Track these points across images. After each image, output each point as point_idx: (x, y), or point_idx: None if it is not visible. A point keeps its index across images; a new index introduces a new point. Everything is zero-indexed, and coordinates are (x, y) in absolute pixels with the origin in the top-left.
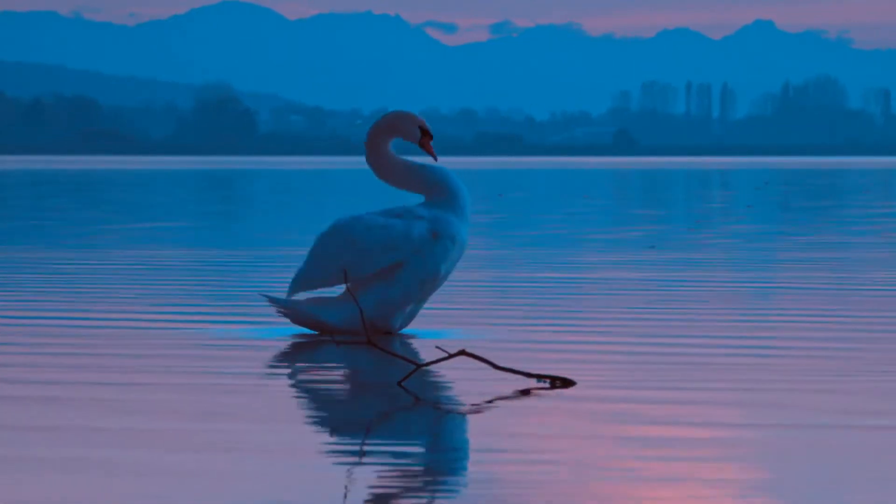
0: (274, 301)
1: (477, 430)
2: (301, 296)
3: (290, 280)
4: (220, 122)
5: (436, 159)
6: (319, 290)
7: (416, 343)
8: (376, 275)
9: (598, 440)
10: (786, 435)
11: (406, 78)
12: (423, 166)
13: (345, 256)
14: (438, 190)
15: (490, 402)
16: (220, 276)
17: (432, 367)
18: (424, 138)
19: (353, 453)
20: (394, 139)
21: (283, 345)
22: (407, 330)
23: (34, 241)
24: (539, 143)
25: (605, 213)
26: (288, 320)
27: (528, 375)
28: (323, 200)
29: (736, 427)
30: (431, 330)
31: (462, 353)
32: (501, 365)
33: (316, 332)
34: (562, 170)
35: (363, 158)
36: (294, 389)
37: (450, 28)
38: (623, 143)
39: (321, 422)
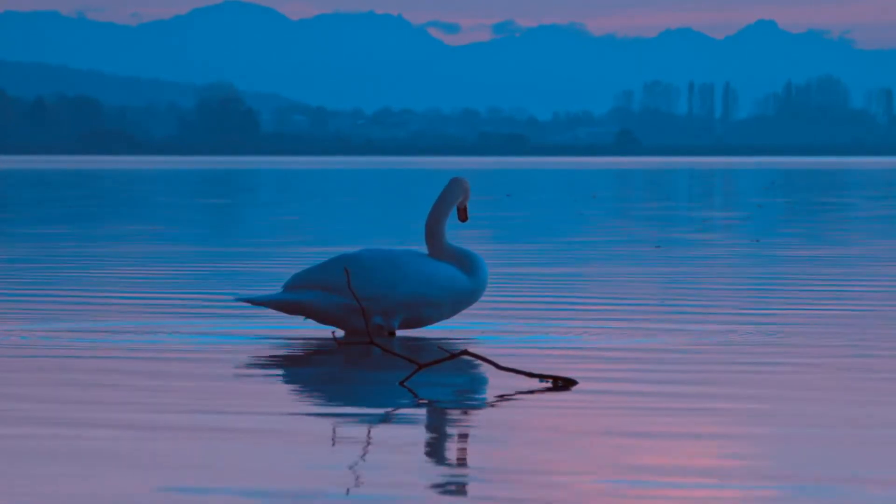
0: (249, 300)
1: (478, 430)
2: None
3: (293, 275)
4: (223, 122)
5: (464, 221)
6: (313, 291)
7: (418, 343)
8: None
9: (599, 440)
10: (789, 435)
11: (409, 78)
12: (465, 252)
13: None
14: (468, 266)
15: (492, 401)
16: (221, 275)
17: (434, 367)
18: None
19: (354, 453)
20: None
21: (285, 345)
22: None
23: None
24: (541, 143)
25: (614, 212)
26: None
27: (531, 375)
28: (324, 200)
29: (737, 427)
30: (434, 330)
31: (464, 352)
32: (504, 365)
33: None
34: (565, 170)
35: (364, 158)
36: (296, 389)
37: (452, 28)
38: (625, 143)
39: (323, 421)
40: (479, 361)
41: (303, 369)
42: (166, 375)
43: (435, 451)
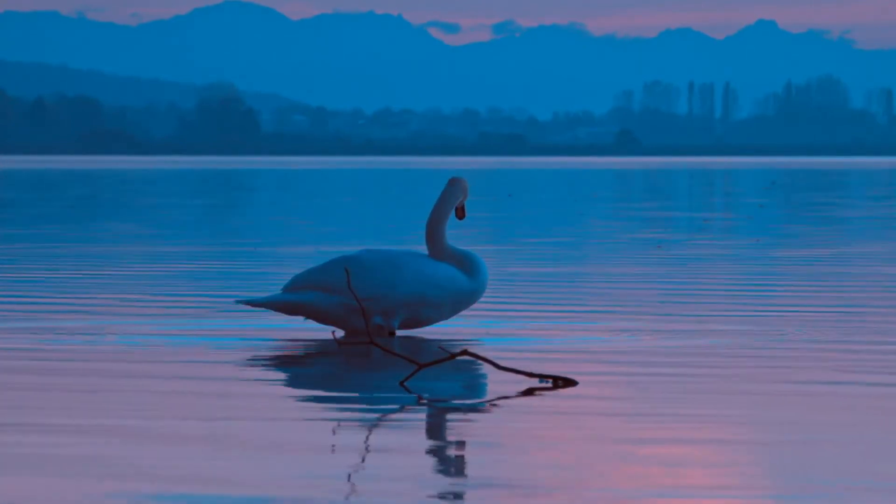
0: (250, 303)
1: (479, 430)
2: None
3: (294, 276)
4: (223, 122)
5: (462, 219)
6: (313, 291)
7: (418, 343)
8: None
9: (599, 440)
10: (789, 435)
11: (409, 78)
12: (465, 252)
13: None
14: (468, 267)
15: (492, 401)
16: (221, 276)
17: (434, 367)
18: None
19: (355, 453)
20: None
21: (286, 345)
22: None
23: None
24: (541, 143)
25: (614, 212)
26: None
27: (530, 375)
28: (324, 200)
29: (738, 428)
30: (434, 330)
31: (464, 352)
32: (503, 365)
33: (314, 321)
34: (566, 170)
35: (364, 158)
36: (296, 390)
37: (452, 28)
38: (625, 143)
39: (323, 421)
40: (479, 361)
41: (303, 369)
42: (166, 376)
43: (435, 451)
